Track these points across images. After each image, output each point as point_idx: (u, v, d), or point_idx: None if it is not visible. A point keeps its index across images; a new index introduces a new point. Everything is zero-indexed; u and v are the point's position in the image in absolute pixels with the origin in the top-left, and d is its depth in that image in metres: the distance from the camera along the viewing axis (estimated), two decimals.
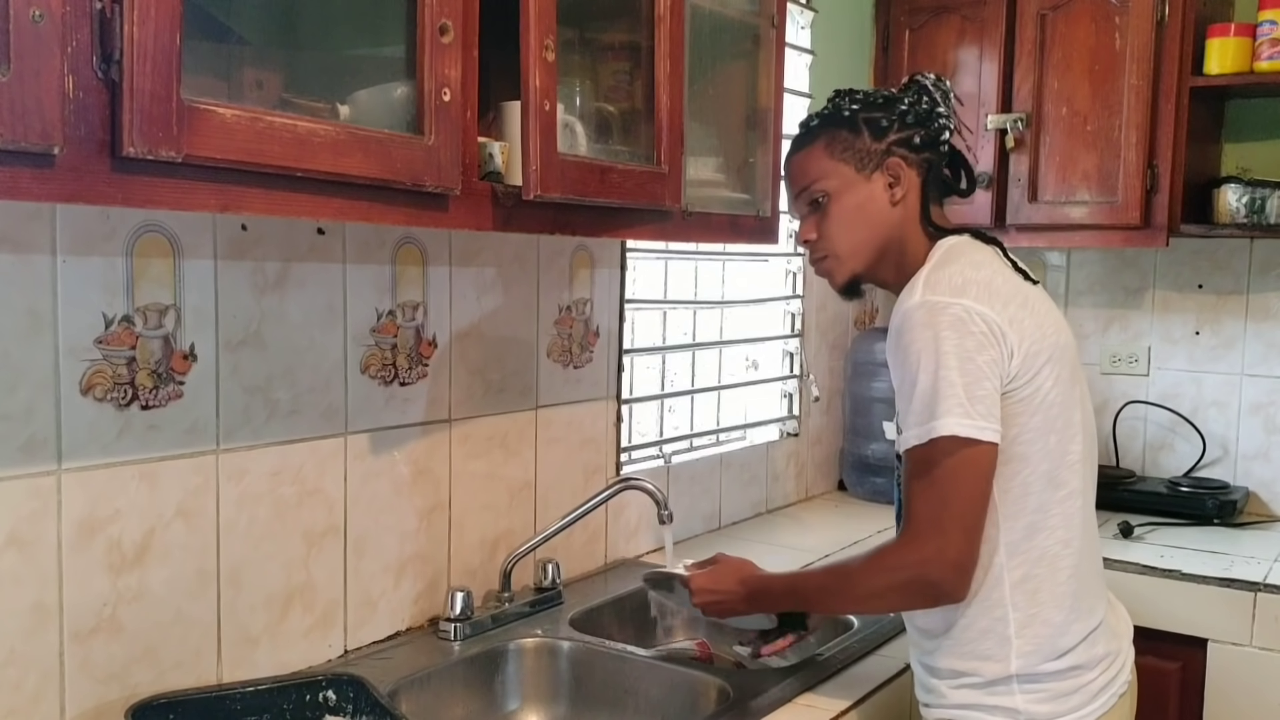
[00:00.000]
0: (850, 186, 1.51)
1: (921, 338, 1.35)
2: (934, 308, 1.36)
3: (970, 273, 1.40)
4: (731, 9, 1.94)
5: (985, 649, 1.43)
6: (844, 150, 1.51)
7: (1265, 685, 2.21)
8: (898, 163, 1.50)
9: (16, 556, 1.30)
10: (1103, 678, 1.46)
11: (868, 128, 1.51)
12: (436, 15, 1.26)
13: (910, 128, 1.51)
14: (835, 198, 1.51)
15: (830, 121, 1.54)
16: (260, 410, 1.55)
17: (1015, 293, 1.41)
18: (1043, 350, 1.39)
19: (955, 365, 1.33)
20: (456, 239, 1.84)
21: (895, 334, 1.40)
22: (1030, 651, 1.41)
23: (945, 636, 1.46)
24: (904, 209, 1.51)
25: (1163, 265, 2.93)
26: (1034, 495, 1.41)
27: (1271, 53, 2.45)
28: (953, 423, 1.33)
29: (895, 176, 1.50)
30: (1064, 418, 1.42)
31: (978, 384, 1.33)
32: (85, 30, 0.96)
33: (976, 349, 1.34)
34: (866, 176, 1.50)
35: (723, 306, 2.68)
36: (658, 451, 2.41)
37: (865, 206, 1.50)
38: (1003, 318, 1.36)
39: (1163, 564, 2.33)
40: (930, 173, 1.52)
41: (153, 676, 1.44)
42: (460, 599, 1.79)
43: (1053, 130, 2.65)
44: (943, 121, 1.52)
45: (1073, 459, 1.44)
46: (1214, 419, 2.88)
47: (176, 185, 1.06)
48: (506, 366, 1.97)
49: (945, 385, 1.33)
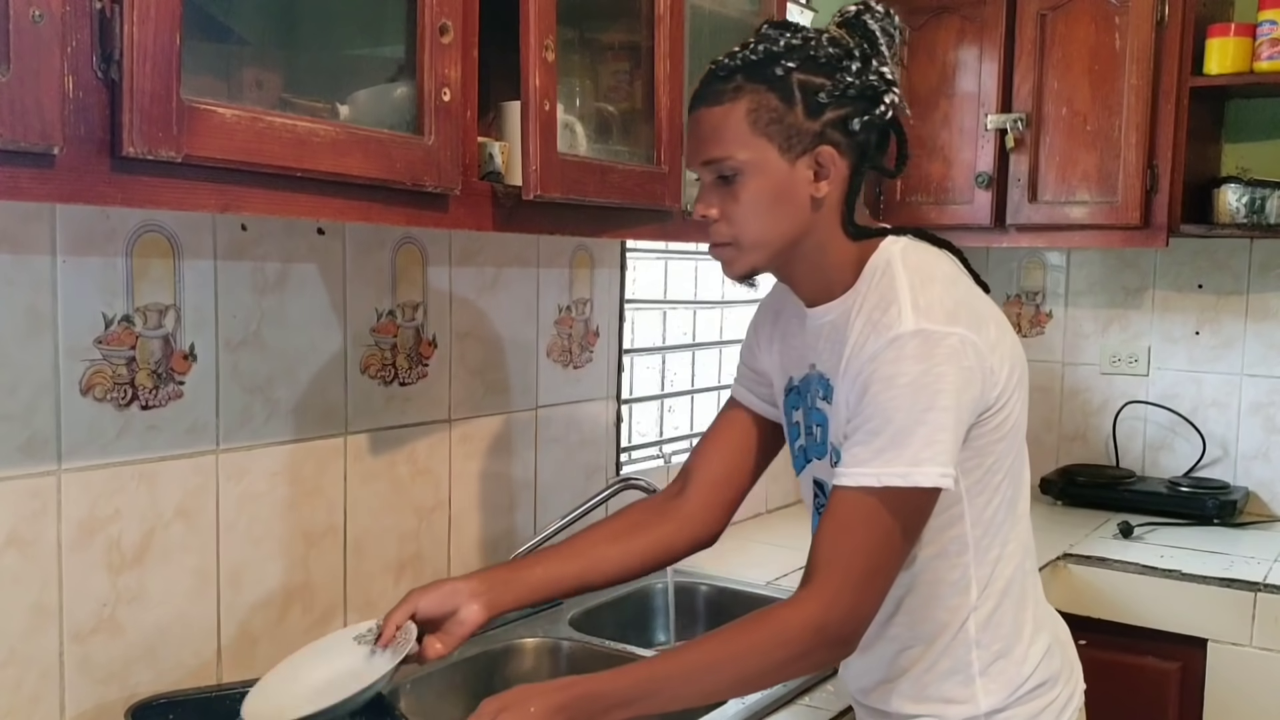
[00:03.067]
0: (770, 167, 1.22)
1: (914, 371, 1.16)
2: (931, 339, 1.17)
3: (954, 293, 1.23)
4: (731, 9, 1.94)
5: (947, 691, 1.32)
6: (770, 123, 1.22)
7: (1265, 685, 2.21)
8: (830, 152, 1.23)
9: (16, 556, 1.30)
10: (1064, 691, 1.38)
11: (803, 100, 1.21)
12: (436, 15, 1.26)
13: (850, 103, 1.22)
14: (750, 177, 1.23)
15: (759, 77, 1.22)
16: (260, 410, 1.55)
17: (990, 311, 1.26)
18: (1015, 370, 1.26)
19: (949, 406, 1.16)
20: (456, 239, 1.84)
21: (875, 361, 1.18)
22: (997, 689, 1.32)
23: (901, 679, 1.34)
24: (825, 203, 1.25)
25: (1163, 265, 2.93)
26: (998, 525, 1.30)
27: (1271, 53, 2.45)
28: (935, 473, 1.16)
29: (824, 166, 1.23)
30: (1022, 438, 1.32)
31: (960, 427, 1.19)
32: (85, 30, 0.96)
33: (966, 386, 1.18)
34: (791, 160, 1.22)
35: (723, 306, 2.68)
36: (658, 451, 2.41)
37: (784, 195, 1.23)
38: (987, 344, 1.21)
39: (1163, 564, 2.34)
40: (863, 160, 1.26)
41: (153, 676, 1.44)
42: None
43: (1053, 130, 2.65)
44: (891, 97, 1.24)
45: (1025, 475, 1.35)
46: (1214, 419, 2.88)
47: (176, 185, 1.06)
48: (506, 366, 1.97)
49: (933, 430, 1.16)
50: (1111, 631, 2.32)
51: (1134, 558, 2.37)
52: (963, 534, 1.28)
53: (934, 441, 1.16)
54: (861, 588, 1.19)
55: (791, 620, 1.19)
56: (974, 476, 1.26)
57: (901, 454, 1.16)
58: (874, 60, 1.24)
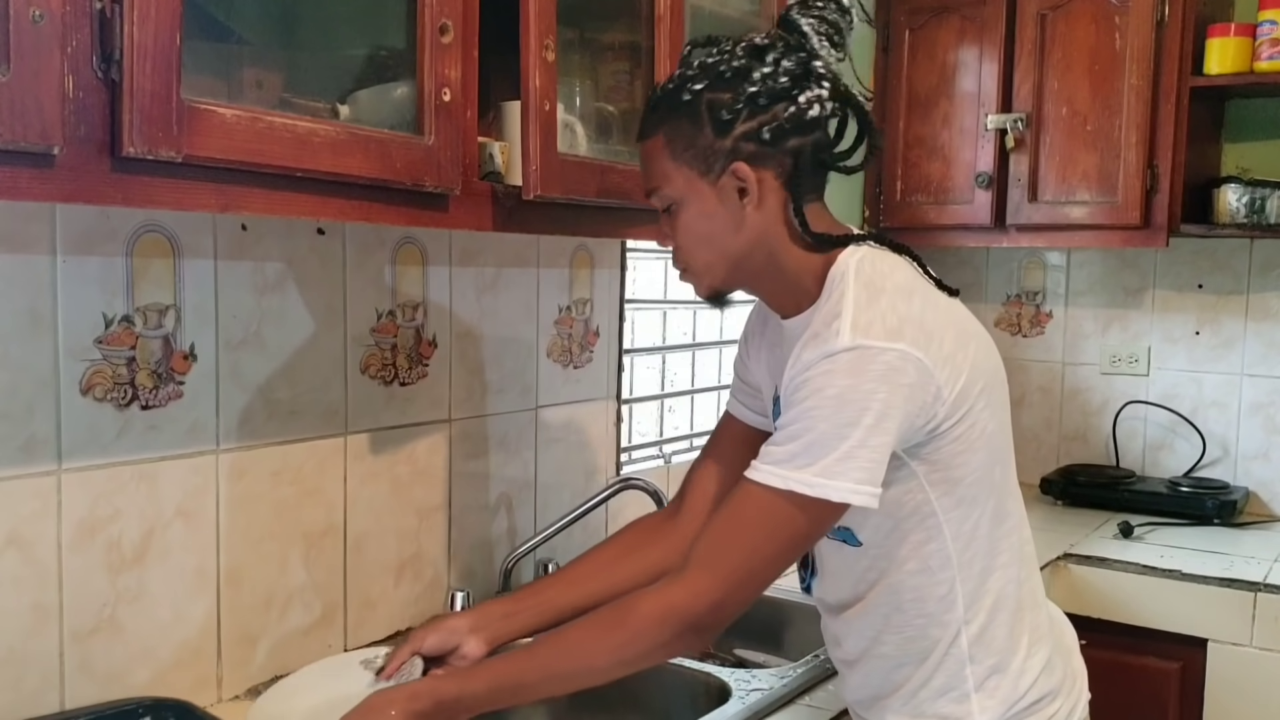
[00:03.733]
0: (695, 194, 1.23)
1: (842, 384, 1.13)
2: (864, 355, 1.14)
3: (903, 307, 1.18)
4: (731, 9, 1.94)
5: (942, 709, 1.30)
6: (685, 149, 1.22)
7: (1265, 685, 2.21)
8: (743, 169, 1.20)
9: (16, 556, 1.30)
10: (1066, 703, 1.35)
11: (710, 119, 1.20)
12: (436, 15, 1.26)
13: (761, 111, 1.19)
14: (681, 207, 1.24)
15: (670, 105, 1.23)
16: (260, 410, 1.55)
17: (948, 323, 1.22)
18: (977, 380, 1.22)
19: (873, 426, 1.13)
20: (456, 239, 1.84)
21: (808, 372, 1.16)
22: (993, 706, 1.29)
23: (894, 696, 1.33)
24: (763, 218, 1.23)
25: (1163, 265, 2.93)
26: (982, 538, 1.27)
27: (1271, 53, 2.46)
28: (846, 488, 1.13)
29: (743, 180, 1.21)
30: (1004, 446, 1.29)
31: (880, 449, 1.14)
32: (85, 30, 0.96)
33: (902, 402, 1.14)
34: (712, 181, 1.22)
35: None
36: (658, 451, 2.41)
37: (713, 218, 1.23)
38: (936, 360, 1.16)
39: (1163, 564, 2.34)
40: (797, 167, 1.22)
41: (153, 676, 1.44)
42: (460, 599, 1.78)
43: (1053, 130, 2.65)
44: (811, 95, 1.19)
45: (1012, 486, 1.32)
46: (1214, 419, 2.88)
47: (176, 185, 1.06)
48: (506, 366, 1.97)
49: (854, 445, 1.13)
50: (1111, 631, 2.32)
51: (1134, 558, 2.37)
52: (943, 548, 1.26)
53: (851, 457, 1.13)
54: (737, 588, 1.18)
55: (653, 612, 1.19)
56: (941, 489, 1.23)
57: (815, 463, 1.13)
58: (788, 59, 1.19)
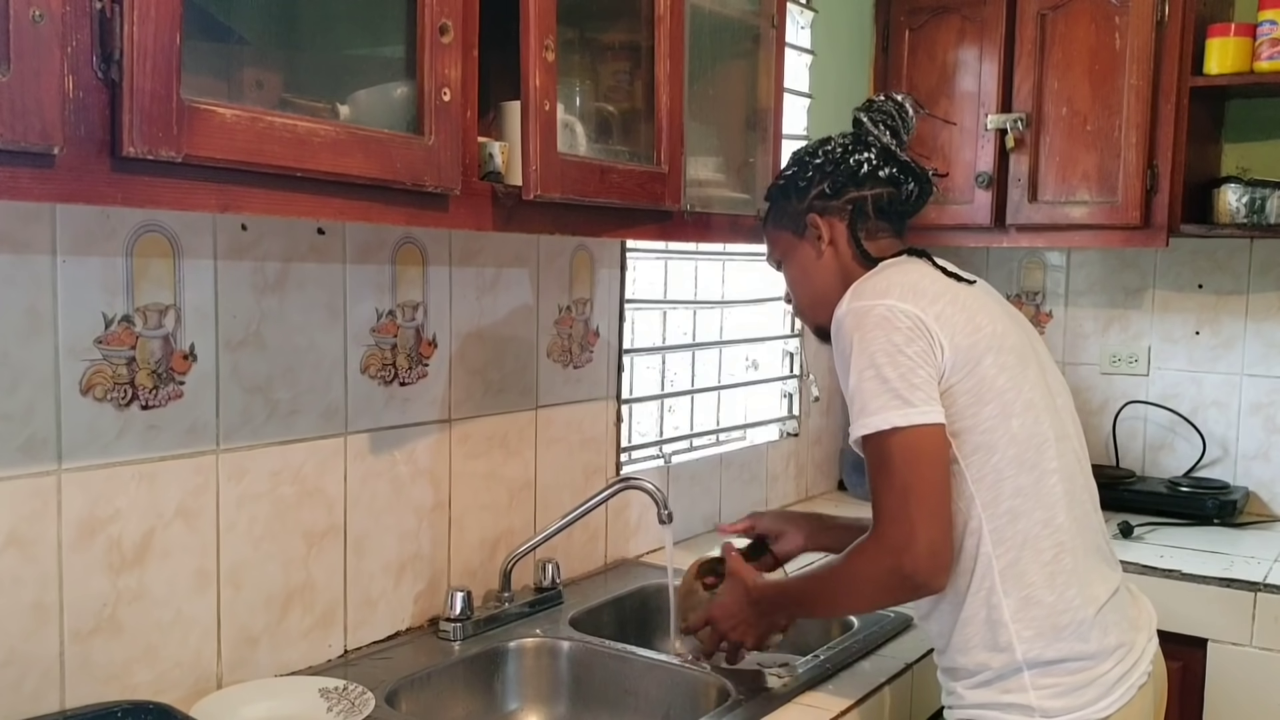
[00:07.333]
0: (794, 250, 1.63)
1: (850, 340, 1.42)
2: (859, 311, 1.42)
3: (896, 277, 1.47)
4: (731, 9, 1.94)
5: (987, 639, 1.44)
6: (781, 216, 1.64)
7: (1265, 685, 2.21)
8: (815, 219, 1.59)
9: (16, 556, 1.30)
10: (1118, 669, 1.44)
11: (794, 191, 1.61)
12: (436, 15, 1.26)
13: (824, 178, 1.58)
14: (786, 262, 1.65)
15: (774, 192, 1.67)
16: (260, 410, 1.55)
17: (943, 291, 1.46)
18: (979, 341, 1.42)
19: (885, 361, 1.38)
20: (456, 239, 1.84)
21: (833, 342, 1.49)
22: (1031, 636, 1.42)
23: (954, 634, 1.47)
24: (836, 255, 1.59)
25: (1163, 265, 2.93)
26: (1008, 480, 1.43)
27: (1271, 53, 2.45)
28: (890, 415, 1.38)
29: (818, 230, 1.58)
30: (1022, 401, 1.44)
31: (911, 373, 1.38)
32: (85, 30, 0.96)
33: (905, 342, 1.39)
34: (800, 237, 1.61)
35: (723, 306, 2.68)
36: (658, 451, 2.41)
37: (808, 266, 1.62)
38: (928, 314, 1.41)
39: (1163, 564, 2.34)
40: (855, 212, 1.58)
41: (153, 676, 1.44)
42: (460, 599, 1.79)
43: (1053, 130, 2.65)
44: (859, 157, 1.57)
45: (1042, 440, 1.45)
46: (1214, 419, 2.88)
47: (176, 185, 1.06)
48: (506, 366, 1.97)
49: (876, 382, 1.38)
50: None
51: (1134, 558, 2.37)
52: (964, 488, 1.43)
53: (878, 394, 1.38)
54: (898, 520, 1.39)
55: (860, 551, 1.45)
56: (961, 438, 1.42)
57: (860, 411, 1.40)
58: (844, 138, 1.61)
